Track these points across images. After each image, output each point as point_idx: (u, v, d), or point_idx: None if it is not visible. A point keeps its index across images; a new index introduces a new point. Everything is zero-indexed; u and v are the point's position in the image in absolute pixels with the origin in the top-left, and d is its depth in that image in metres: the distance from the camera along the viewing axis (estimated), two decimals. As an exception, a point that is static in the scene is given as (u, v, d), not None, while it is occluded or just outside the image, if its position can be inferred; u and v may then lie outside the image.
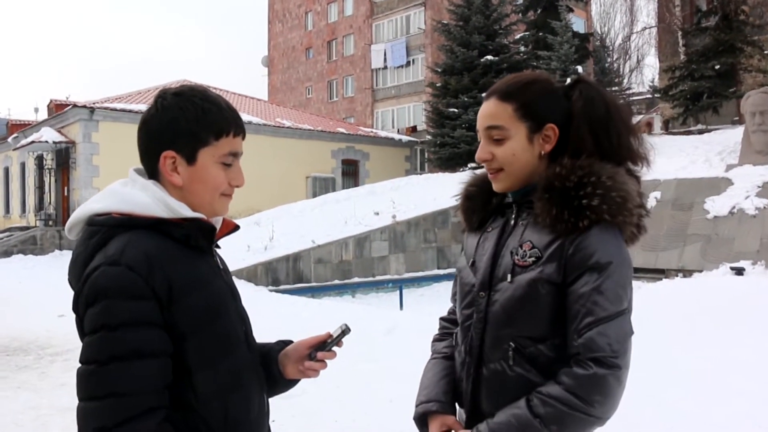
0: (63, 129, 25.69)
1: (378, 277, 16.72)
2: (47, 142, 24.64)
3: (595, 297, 1.55)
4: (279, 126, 29.74)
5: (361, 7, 44.61)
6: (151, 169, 1.56)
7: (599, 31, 55.23)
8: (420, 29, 40.66)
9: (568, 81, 1.84)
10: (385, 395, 5.64)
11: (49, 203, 26.65)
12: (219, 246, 1.71)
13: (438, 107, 28.96)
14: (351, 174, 32.74)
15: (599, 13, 57.04)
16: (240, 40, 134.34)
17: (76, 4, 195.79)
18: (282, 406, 4.30)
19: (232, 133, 1.56)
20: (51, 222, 25.95)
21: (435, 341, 2.03)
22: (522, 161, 1.71)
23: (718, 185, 14.76)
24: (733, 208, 13.85)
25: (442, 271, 17.43)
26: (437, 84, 29.74)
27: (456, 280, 1.94)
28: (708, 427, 4.70)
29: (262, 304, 10.51)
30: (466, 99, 27.24)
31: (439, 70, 29.69)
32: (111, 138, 23.63)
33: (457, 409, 1.83)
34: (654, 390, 5.28)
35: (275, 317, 9.15)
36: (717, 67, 23.86)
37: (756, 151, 15.84)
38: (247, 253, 15.26)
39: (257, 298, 11.43)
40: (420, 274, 17.42)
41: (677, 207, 14.79)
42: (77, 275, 1.47)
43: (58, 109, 29.30)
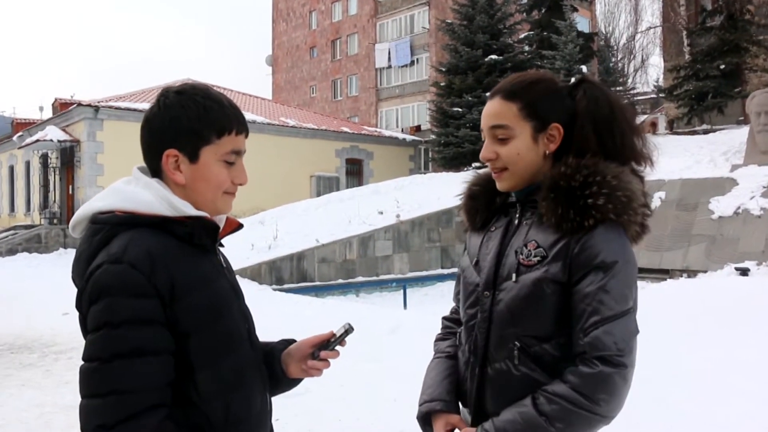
0: (68, 128, 25.74)
1: (382, 277, 16.73)
2: (52, 140, 24.71)
3: (601, 296, 1.55)
4: (283, 125, 29.75)
5: (366, 7, 44.58)
6: (154, 168, 1.55)
7: (603, 31, 55.21)
8: (424, 28, 40.63)
9: (572, 81, 1.84)
10: (389, 394, 5.63)
11: (54, 202, 26.69)
12: (222, 244, 1.71)
13: (442, 106, 28.95)
14: (355, 173, 32.76)
15: (604, 13, 57.08)
16: (244, 39, 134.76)
17: (80, 3, 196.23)
18: (285, 404, 4.30)
19: (234, 131, 1.55)
20: (55, 220, 26.01)
21: (438, 340, 2.03)
22: (526, 160, 1.71)
23: (722, 185, 14.71)
24: (738, 208, 13.80)
25: (446, 271, 17.44)
26: (441, 83, 29.73)
27: (459, 279, 1.94)
28: (711, 428, 4.68)
29: (265, 303, 10.52)
30: (470, 98, 27.24)
31: (444, 69, 29.69)
32: (115, 137, 23.66)
33: (461, 409, 1.82)
34: (658, 390, 5.26)
35: (279, 316, 9.15)
36: (722, 67, 23.82)
37: (761, 152, 15.78)
38: (251, 252, 15.28)
39: (261, 297, 11.43)
40: (424, 273, 17.43)
41: (682, 207, 14.75)
42: (80, 273, 1.47)
43: (62, 108, 29.39)
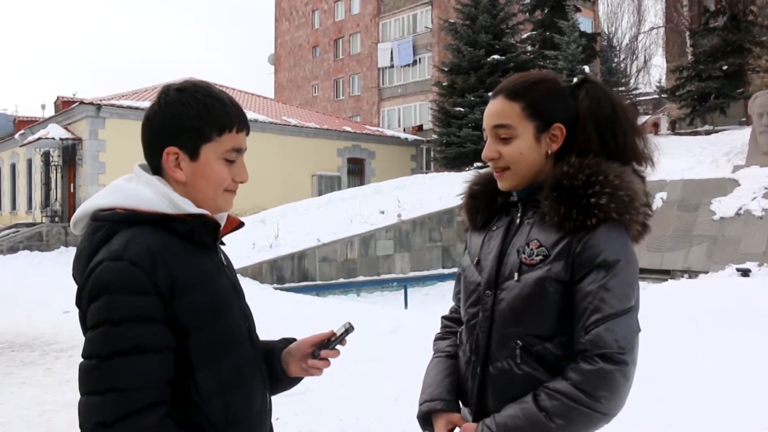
0: (70, 126, 25.76)
1: (383, 276, 16.72)
2: (54, 138, 24.73)
3: (603, 294, 1.56)
4: (285, 124, 29.77)
5: (368, 6, 44.56)
6: (155, 165, 1.55)
7: (606, 31, 55.19)
8: (427, 28, 40.60)
9: (574, 81, 1.84)
10: (390, 394, 5.63)
11: (56, 200, 26.73)
12: (224, 243, 1.70)
13: (444, 106, 28.95)
14: (357, 173, 32.76)
15: (606, 13, 57.17)
16: (246, 38, 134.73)
17: (82, 2, 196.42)
18: (286, 403, 4.29)
19: (235, 129, 1.54)
20: (57, 218, 26.05)
21: (437, 340, 2.03)
22: (529, 160, 1.72)
23: (724, 186, 14.70)
24: (740, 209, 13.79)
25: (447, 271, 17.43)
26: (444, 83, 29.72)
27: (459, 279, 1.94)
28: (713, 428, 4.68)
29: (266, 301, 10.52)
30: (472, 98, 27.22)
31: (446, 69, 29.69)
32: (117, 135, 23.68)
33: (462, 408, 1.82)
34: (659, 391, 5.26)
35: (280, 315, 9.15)
36: (725, 68, 23.79)
37: (763, 153, 15.76)
38: (253, 251, 15.28)
39: (262, 295, 11.44)
40: (425, 273, 17.42)
41: (683, 208, 14.74)
42: (81, 270, 1.47)
43: (64, 106, 29.45)
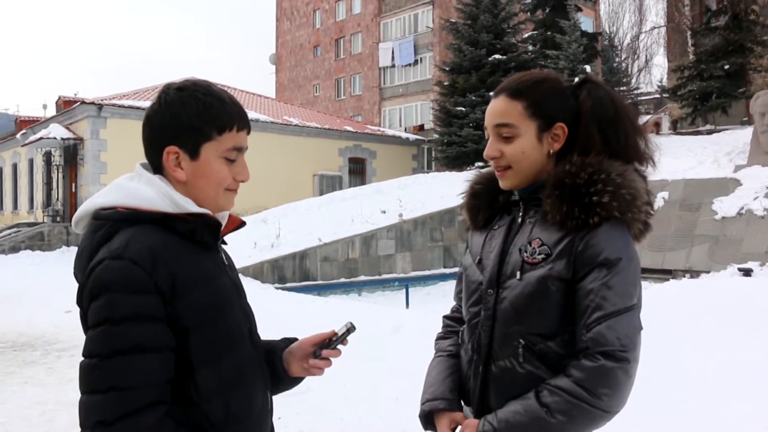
0: (71, 125, 25.76)
1: (384, 276, 16.72)
2: (55, 138, 24.73)
3: (604, 292, 1.56)
4: (286, 124, 29.77)
5: (369, 6, 44.56)
6: (156, 165, 1.55)
7: (608, 31, 55.15)
8: (428, 28, 40.60)
9: (576, 80, 1.84)
10: (391, 393, 5.63)
11: (57, 199, 26.75)
12: (225, 242, 1.70)
13: (445, 106, 28.93)
14: (358, 172, 32.77)
15: (608, 13, 57.05)
16: (247, 38, 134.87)
17: (84, 2, 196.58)
18: (287, 403, 4.30)
19: (235, 128, 1.54)
20: (58, 218, 26.06)
21: (439, 339, 2.03)
22: (531, 159, 1.72)
23: (726, 186, 14.70)
24: (742, 209, 13.79)
25: (448, 270, 17.42)
26: (445, 83, 29.71)
27: (460, 278, 1.94)
28: (714, 428, 4.67)
29: (268, 301, 10.52)
30: (473, 98, 27.21)
31: (447, 68, 29.68)
32: (119, 134, 23.69)
33: (464, 407, 1.82)
34: (660, 390, 5.25)
35: (281, 315, 9.15)
36: (726, 67, 23.75)
37: (765, 152, 15.75)
38: (254, 251, 15.28)
39: (263, 295, 11.44)
40: (426, 272, 17.43)
41: (685, 207, 14.73)
42: (82, 269, 1.46)
43: (66, 106, 29.44)
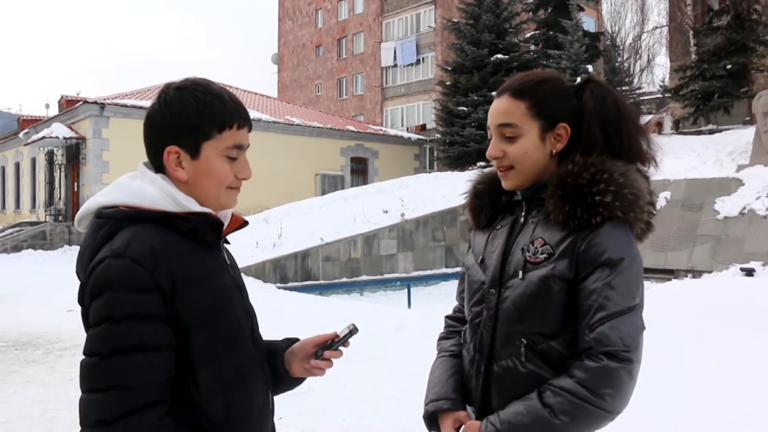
0: (73, 125, 25.77)
1: (386, 276, 16.70)
2: (58, 137, 24.75)
3: (607, 292, 1.56)
4: (288, 123, 29.77)
5: (372, 5, 44.56)
6: (157, 164, 1.55)
7: (610, 31, 55.09)
8: (430, 27, 40.59)
9: (578, 80, 1.84)
10: (393, 393, 5.63)
11: (59, 199, 26.76)
12: (228, 241, 1.70)
13: (448, 106, 28.94)
14: (360, 172, 32.76)
15: (610, 12, 56.97)
16: (249, 37, 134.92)
17: (87, 2, 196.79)
18: (289, 403, 4.30)
19: (235, 126, 1.54)
20: (61, 217, 26.06)
21: (441, 339, 2.03)
22: (533, 159, 1.72)
23: (728, 186, 14.68)
24: (744, 208, 13.77)
25: (450, 270, 17.40)
26: (447, 82, 29.73)
27: (463, 278, 1.94)
28: (715, 428, 4.67)
29: (269, 301, 10.52)
30: (475, 97, 27.21)
31: (449, 68, 29.69)
32: (121, 134, 23.69)
33: (466, 407, 1.82)
34: (662, 390, 5.25)
35: (283, 314, 9.15)
36: (728, 67, 23.71)
37: (767, 152, 15.73)
38: (256, 250, 15.28)
39: (265, 295, 11.43)
40: (428, 272, 17.40)
41: (687, 207, 14.71)
42: (84, 267, 1.46)
43: (68, 105, 29.46)
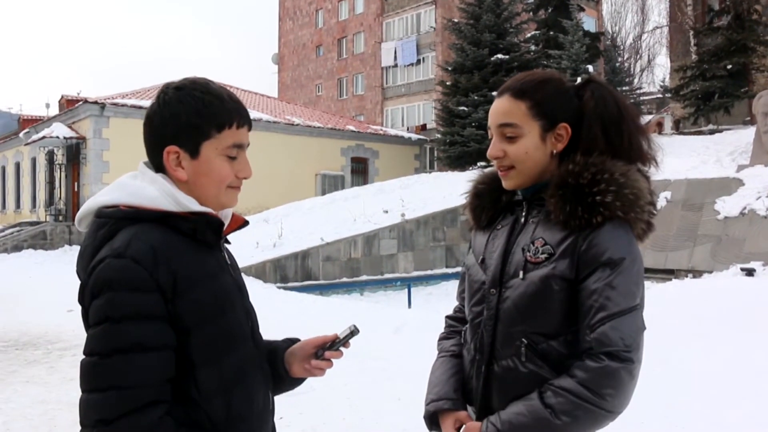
0: (74, 125, 25.78)
1: (386, 275, 16.70)
2: (58, 137, 24.75)
3: (608, 292, 1.56)
4: (289, 123, 29.77)
5: (372, 5, 44.56)
6: (157, 164, 1.55)
7: (610, 31, 55.10)
8: (431, 27, 40.59)
9: (578, 80, 1.84)
10: (394, 393, 5.63)
11: (60, 198, 26.76)
12: (229, 241, 1.70)
13: (448, 106, 28.94)
14: (360, 172, 32.77)
15: (610, 13, 56.95)
16: (250, 37, 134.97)
17: (89, 2, 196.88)
18: (289, 403, 4.30)
19: (235, 125, 1.54)
20: (61, 217, 26.07)
21: (441, 339, 2.03)
22: (534, 159, 1.72)
23: (728, 186, 14.66)
24: (744, 208, 13.76)
25: (450, 270, 17.39)
26: (447, 82, 29.73)
27: (463, 278, 1.94)
28: (717, 428, 4.67)
29: (270, 301, 10.52)
30: (476, 97, 27.22)
31: (450, 68, 29.68)
32: (121, 134, 23.70)
33: (467, 407, 1.82)
34: (664, 391, 5.25)
35: (283, 314, 9.15)
36: (729, 67, 23.71)
37: (767, 152, 15.73)
38: (256, 250, 15.29)
39: (265, 295, 11.43)
40: (428, 272, 17.40)
41: (687, 207, 14.71)
42: (84, 267, 1.46)
43: (69, 105, 29.48)
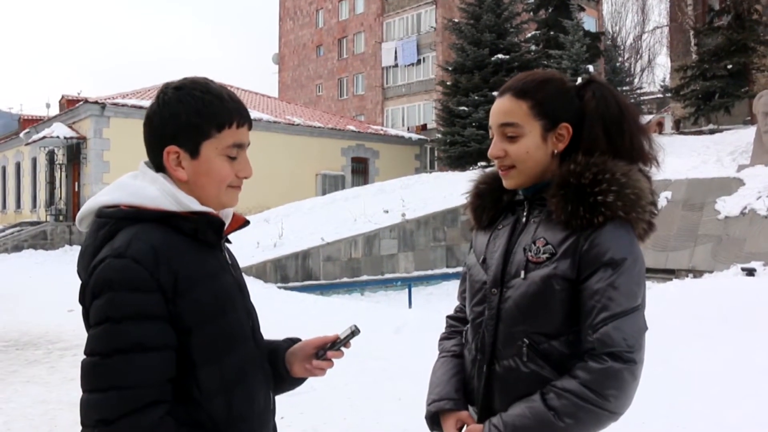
0: (74, 124, 25.78)
1: (387, 275, 16.70)
2: (58, 137, 24.75)
3: (610, 293, 1.56)
4: (289, 123, 29.78)
5: (372, 5, 44.55)
6: (158, 164, 1.54)
7: (610, 30, 55.10)
8: (431, 27, 40.59)
9: (579, 80, 1.84)
10: (394, 393, 5.63)
11: (60, 198, 26.76)
12: (230, 241, 1.70)
13: (448, 105, 28.95)
14: (360, 172, 32.77)
15: (610, 12, 56.95)
16: (250, 37, 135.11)
17: (89, 2, 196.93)
18: (290, 403, 4.29)
19: (235, 125, 1.53)
20: (61, 217, 26.08)
21: (442, 340, 2.03)
22: (535, 159, 1.71)
23: (729, 185, 14.67)
24: (745, 208, 13.76)
25: (451, 270, 17.39)
26: (448, 82, 29.74)
27: (464, 277, 1.94)
28: (718, 428, 4.67)
29: (270, 301, 10.52)
30: (476, 97, 27.23)
31: (450, 68, 29.69)
32: (122, 134, 23.70)
33: (468, 408, 1.82)
34: (665, 391, 5.24)
35: (284, 314, 9.15)
36: (729, 67, 23.72)
37: (768, 152, 15.74)
38: (257, 250, 15.28)
39: (266, 295, 11.43)
40: (429, 272, 17.39)
41: (688, 207, 14.71)
42: (85, 267, 1.46)
43: (69, 105, 29.48)
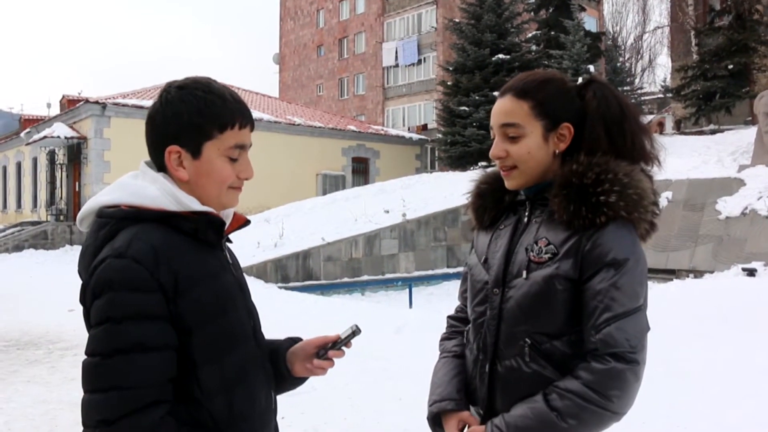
0: (75, 124, 25.78)
1: (387, 275, 16.70)
2: (59, 137, 24.75)
3: (613, 293, 1.56)
4: (290, 123, 29.77)
5: (373, 5, 44.55)
6: (159, 164, 1.54)
7: (611, 31, 55.08)
8: (432, 27, 40.58)
9: (580, 80, 1.84)
10: (395, 393, 5.63)
11: (61, 198, 26.77)
12: (231, 241, 1.70)
13: (449, 106, 28.94)
14: (361, 172, 32.76)
15: (611, 12, 56.94)
16: (251, 37, 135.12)
17: (89, 2, 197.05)
18: (291, 402, 4.30)
19: (237, 125, 1.53)
20: (62, 217, 26.08)
21: (443, 340, 2.03)
22: (536, 159, 1.71)
23: (730, 186, 14.66)
24: (746, 208, 13.75)
25: (451, 270, 17.38)
26: (448, 82, 29.73)
27: (465, 277, 1.93)
28: (719, 428, 4.67)
29: (271, 301, 10.52)
30: (477, 97, 27.22)
31: (451, 68, 29.67)
32: (122, 134, 23.70)
33: (470, 408, 1.81)
34: (665, 390, 5.24)
35: (284, 314, 9.15)
36: (730, 67, 23.72)
37: (769, 152, 15.73)
38: (257, 250, 15.28)
39: (267, 295, 11.43)
40: (430, 272, 17.39)
41: (689, 207, 14.70)
42: (86, 267, 1.46)
43: (70, 105, 29.47)
